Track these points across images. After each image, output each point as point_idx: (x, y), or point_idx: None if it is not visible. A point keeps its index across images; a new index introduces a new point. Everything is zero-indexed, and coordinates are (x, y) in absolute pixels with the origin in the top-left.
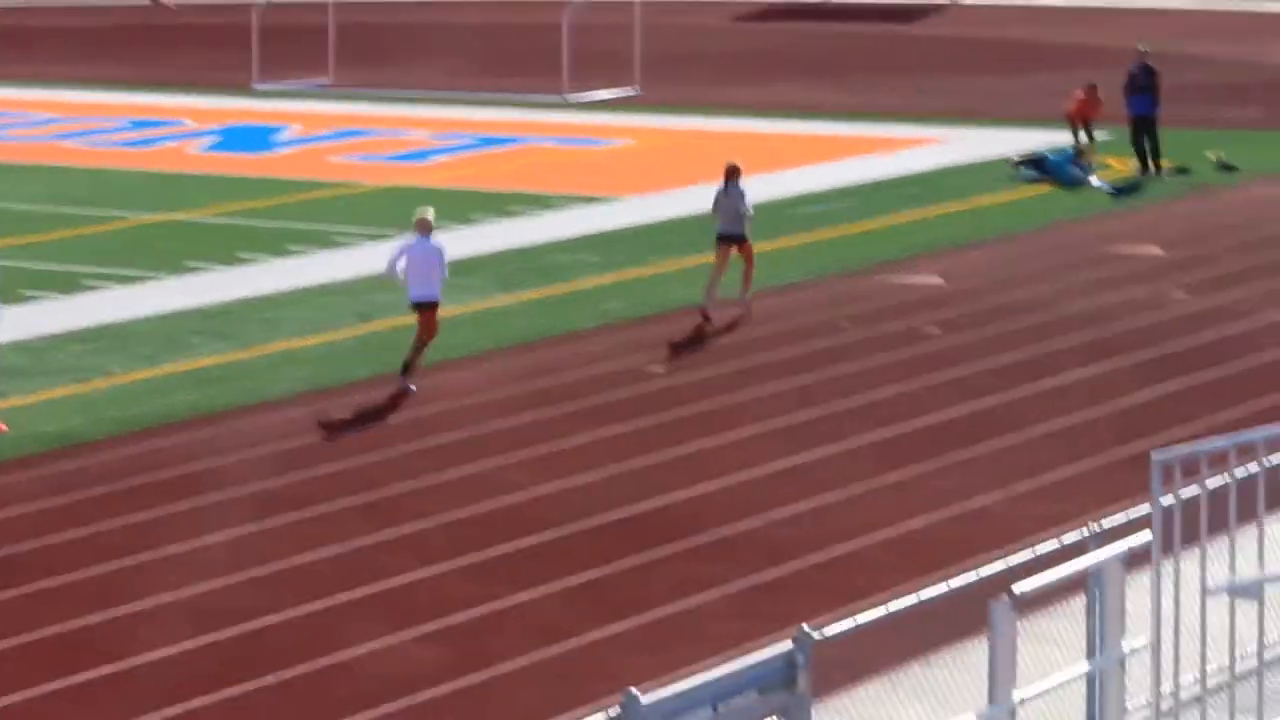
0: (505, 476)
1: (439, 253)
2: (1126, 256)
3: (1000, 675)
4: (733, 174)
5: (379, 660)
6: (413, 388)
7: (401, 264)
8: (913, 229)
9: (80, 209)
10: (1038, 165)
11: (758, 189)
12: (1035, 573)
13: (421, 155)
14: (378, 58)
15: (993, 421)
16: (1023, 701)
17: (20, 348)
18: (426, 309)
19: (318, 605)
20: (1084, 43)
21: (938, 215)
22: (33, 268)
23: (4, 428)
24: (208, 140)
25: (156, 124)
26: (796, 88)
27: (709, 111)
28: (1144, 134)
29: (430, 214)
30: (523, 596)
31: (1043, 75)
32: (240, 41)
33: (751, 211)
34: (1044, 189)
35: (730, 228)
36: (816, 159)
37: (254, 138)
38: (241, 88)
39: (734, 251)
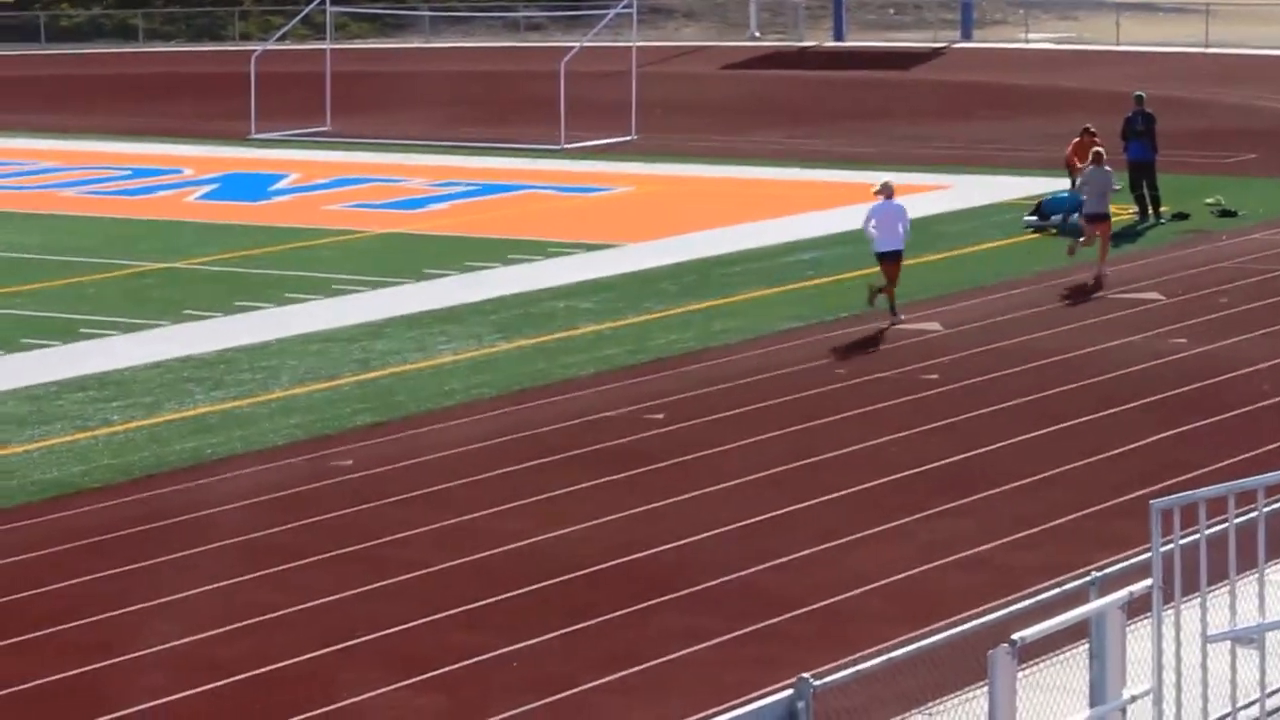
0: (500, 525)
1: (901, 211)
2: (1126, 302)
3: None
4: (1098, 158)
5: (376, 709)
6: (902, 316)
7: (872, 224)
8: (910, 275)
9: (80, 257)
10: (1039, 213)
11: (753, 237)
12: (1035, 621)
13: (419, 203)
14: (375, 106)
15: (991, 468)
16: None
17: (20, 396)
18: (891, 258)
19: (313, 654)
20: (1079, 87)
21: (935, 261)
22: (33, 316)
23: None
24: (206, 189)
25: (156, 172)
26: (791, 135)
27: (706, 159)
28: (1143, 180)
29: (891, 181)
30: (519, 645)
31: (1038, 120)
32: (239, 91)
33: (1118, 187)
34: (1042, 235)
35: (1097, 206)
36: (812, 206)
37: (251, 186)
38: (239, 136)
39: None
